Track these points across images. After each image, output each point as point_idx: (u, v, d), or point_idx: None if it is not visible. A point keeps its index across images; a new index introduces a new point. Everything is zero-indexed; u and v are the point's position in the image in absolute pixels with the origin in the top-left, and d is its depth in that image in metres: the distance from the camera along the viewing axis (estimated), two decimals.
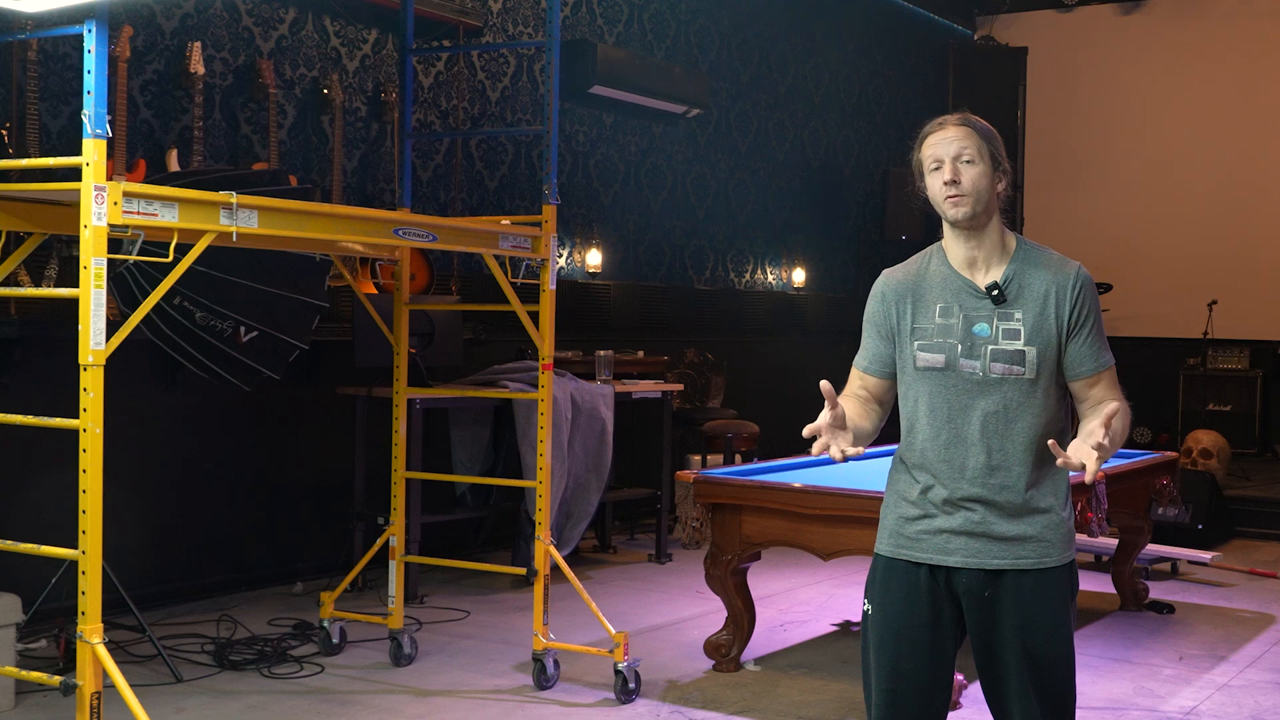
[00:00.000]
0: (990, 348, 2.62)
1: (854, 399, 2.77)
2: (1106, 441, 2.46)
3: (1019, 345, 2.62)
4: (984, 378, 2.63)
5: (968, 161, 2.63)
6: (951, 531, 2.65)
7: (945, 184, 2.63)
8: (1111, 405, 2.51)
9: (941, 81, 12.03)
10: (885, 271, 2.82)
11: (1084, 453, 2.46)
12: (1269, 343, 11.01)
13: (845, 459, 2.51)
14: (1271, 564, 7.54)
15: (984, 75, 12.04)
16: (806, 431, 2.51)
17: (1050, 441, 2.50)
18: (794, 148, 10.32)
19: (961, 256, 2.70)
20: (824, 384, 2.52)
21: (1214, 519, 7.97)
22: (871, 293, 2.80)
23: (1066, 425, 2.71)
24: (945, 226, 2.72)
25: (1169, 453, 6.68)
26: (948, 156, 2.64)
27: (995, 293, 2.64)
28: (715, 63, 9.40)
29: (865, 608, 2.77)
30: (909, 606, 2.69)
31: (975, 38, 12.48)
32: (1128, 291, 11.03)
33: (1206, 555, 7.11)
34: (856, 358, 2.82)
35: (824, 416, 2.51)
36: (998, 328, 2.63)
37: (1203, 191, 11.41)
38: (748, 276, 9.91)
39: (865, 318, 2.81)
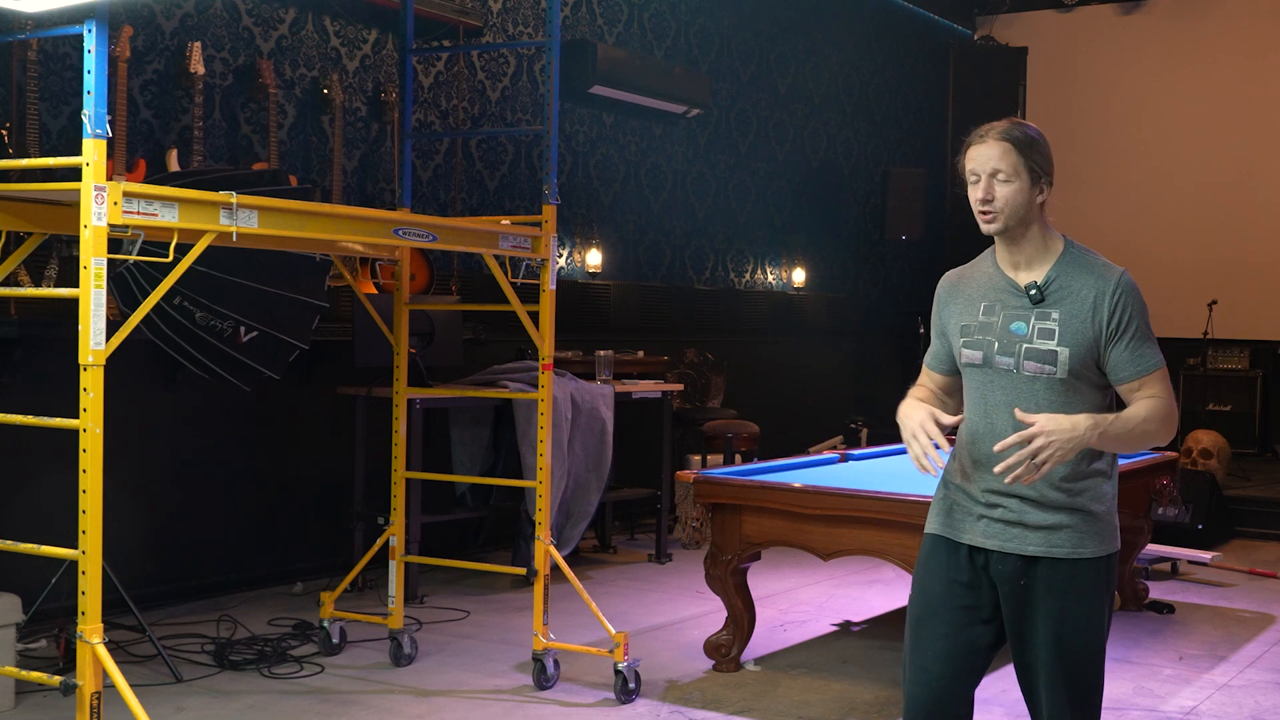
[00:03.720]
0: (1025, 346, 2.71)
1: (923, 389, 2.96)
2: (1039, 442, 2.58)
3: (1052, 345, 2.69)
4: (1017, 375, 2.71)
5: (1003, 180, 2.73)
6: (990, 519, 2.74)
7: (978, 200, 2.74)
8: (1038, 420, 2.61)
9: (941, 81, 12.03)
10: (946, 272, 2.97)
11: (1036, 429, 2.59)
12: (1269, 343, 11.01)
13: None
14: (1271, 564, 7.54)
15: (984, 75, 12.04)
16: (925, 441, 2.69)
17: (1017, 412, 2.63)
18: (794, 148, 10.32)
19: (1007, 259, 2.81)
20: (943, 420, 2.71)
21: (1214, 519, 7.97)
22: (934, 295, 2.96)
23: None
24: None
25: (1169, 453, 6.67)
26: (984, 173, 2.74)
27: (1033, 292, 2.73)
28: (715, 63, 9.40)
29: (914, 586, 2.89)
30: (946, 586, 2.78)
31: (975, 38, 12.48)
32: None
33: (1206, 555, 7.11)
34: (926, 356, 2.99)
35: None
36: (1034, 327, 2.71)
37: (1203, 191, 11.41)
38: (748, 276, 9.91)
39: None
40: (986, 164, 2.73)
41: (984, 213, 2.74)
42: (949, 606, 2.77)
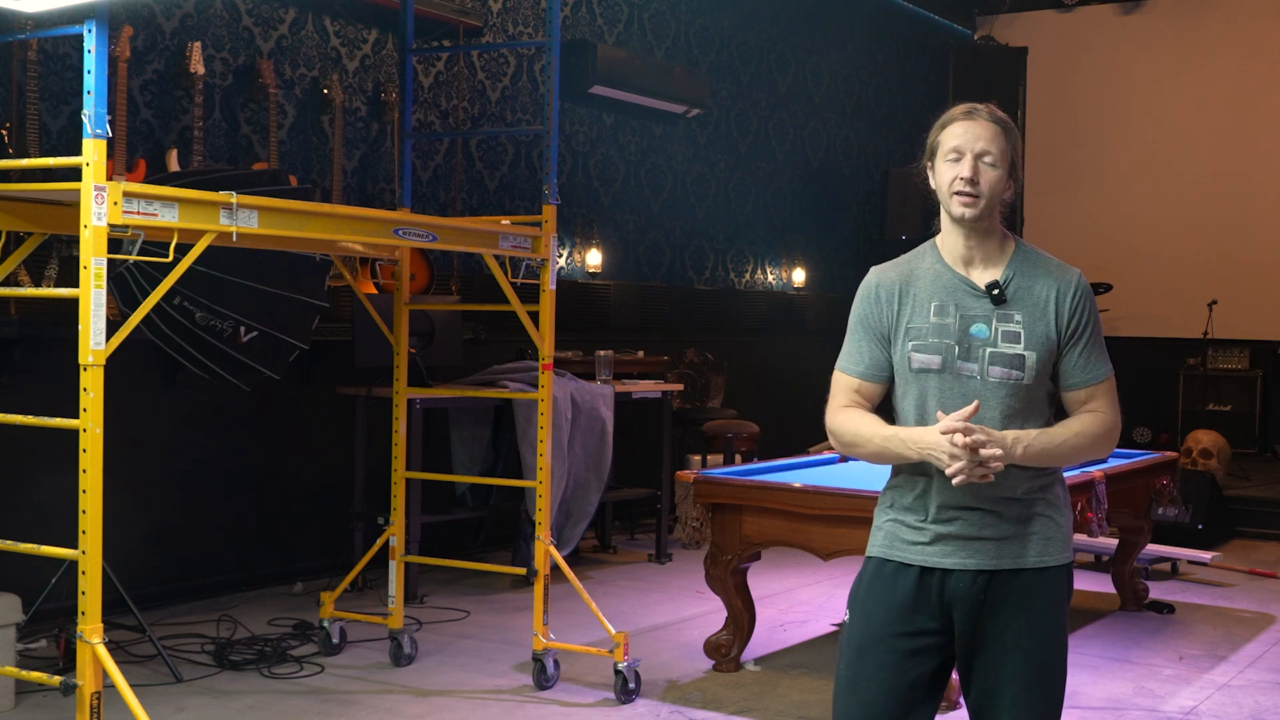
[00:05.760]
0: (989, 350, 2.52)
1: (857, 411, 2.66)
2: (999, 451, 2.45)
3: (1019, 349, 2.52)
4: (982, 381, 2.53)
5: (989, 163, 2.53)
6: (948, 537, 2.56)
7: (962, 179, 2.52)
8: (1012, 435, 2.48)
9: (941, 81, 12.03)
10: (874, 269, 2.69)
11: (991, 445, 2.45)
12: (1269, 343, 11.00)
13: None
14: (1271, 564, 7.54)
15: (984, 75, 12.03)
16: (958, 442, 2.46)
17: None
18: (794, 148, 10.32)
19: (958, 254, 2.60)
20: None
21: (1214, 519, 7.97)
22: (861, 292, 2.67)
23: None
24: (943, 221, 2.62)
25: (1169, 453, 6.68)
26: (971, 151, 2.52)
27: (995, 292, 2.54)
28: (715, 63, 9.40)
29: (845, 616, 2.68)
30: (889, 611, 2.59)
31: (975, 38, 12.48)
32: (1128, 291, 11.03)
33: (1206, 555, 7.11)
34: (844, 363, 2.69)
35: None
36: (997, 329, 2.53)
37: (1203, 191, 11.41)
38: (748, 276, 9.91)
39: (855, 319, 2.68)
40: (976, 143, 2.51)
41: (966, 194, 2.51)
42: (893, 634, 2.57)
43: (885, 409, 2.70)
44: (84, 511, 3.33)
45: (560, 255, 8.09)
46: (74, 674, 3.33)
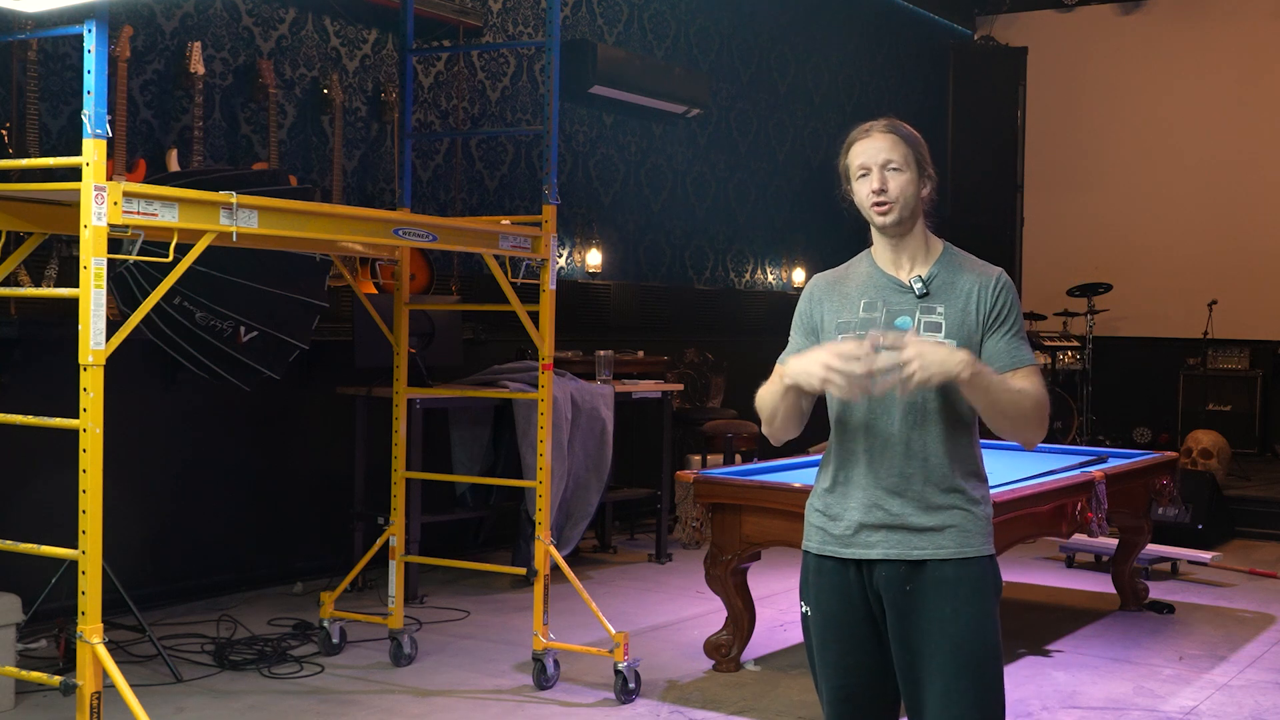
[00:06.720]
0: None
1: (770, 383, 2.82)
2: (912, 354, 2.45)
3: (939, 338, 2.63)
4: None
5: (895, 169, 2.69)
6: (871, 526, 2.66)
7: (873, 191, 2.69)
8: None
9: (941, 81, 12.03)
10: (816, 275, 2.92)
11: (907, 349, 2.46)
12: (1269, 343, 11.00)
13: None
14: (1271, 564, 7.54)
15: (984, 75, 12.04)
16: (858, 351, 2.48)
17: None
18: (794, 148, 10.32)
19: (887, 258, 2.77)
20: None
21: (1214, 519, 7.97)
22: (802, 294, 2.89)
23: (976, 425, 2.71)
24: (872, 231, 2.79)
25: (1169, 453, 6.67)
26: (875, 164, 2.69)
27: (918, 286, 2.70)
28: (715, 63, 9.40)
29: (803, 609, 2.79)
30: (844, 602, 2.70)
31: (975, 38, 12.48)
32: (1128, 291, 11.03)
33: (1206, 555, 7.11)
34: (783, 355, 2.85)
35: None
36: (920, 321, 2.67)
37: (1203, 191, 11.41)
38: (748, 276, 9.91)
39: (794, 318, 2.88)
40: (877, 155, 2.69)
41: (879, 204, 2.69)
42: (853, 619, 2.69)
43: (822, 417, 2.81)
44: (84, 511, 3.33)
45: (560, 255, 8.09)
46: (74, 674, 3.33)
